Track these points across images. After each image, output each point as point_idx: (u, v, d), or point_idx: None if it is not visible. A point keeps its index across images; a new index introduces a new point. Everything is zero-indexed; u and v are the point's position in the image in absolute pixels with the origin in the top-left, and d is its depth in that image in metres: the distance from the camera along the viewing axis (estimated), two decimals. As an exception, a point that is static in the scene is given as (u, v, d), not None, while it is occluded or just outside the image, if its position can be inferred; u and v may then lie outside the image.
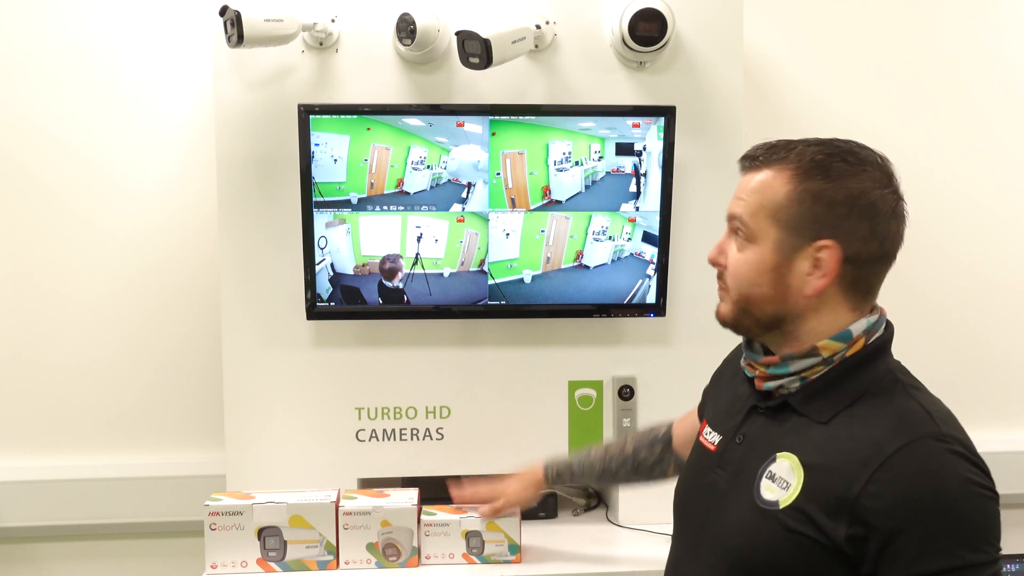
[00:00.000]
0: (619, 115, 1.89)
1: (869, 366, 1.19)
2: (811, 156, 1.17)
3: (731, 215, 1.22)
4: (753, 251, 1.19)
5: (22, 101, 2.19)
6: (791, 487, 1.13)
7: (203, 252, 2.21)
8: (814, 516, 1.09)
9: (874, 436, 1.10)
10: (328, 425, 1.99)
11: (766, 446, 1.19)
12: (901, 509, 1.05)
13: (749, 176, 1.21)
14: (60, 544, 2.28)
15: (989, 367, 2.42)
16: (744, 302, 1.21)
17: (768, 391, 1.22)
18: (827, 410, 1.16)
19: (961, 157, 2.37)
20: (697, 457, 1.34)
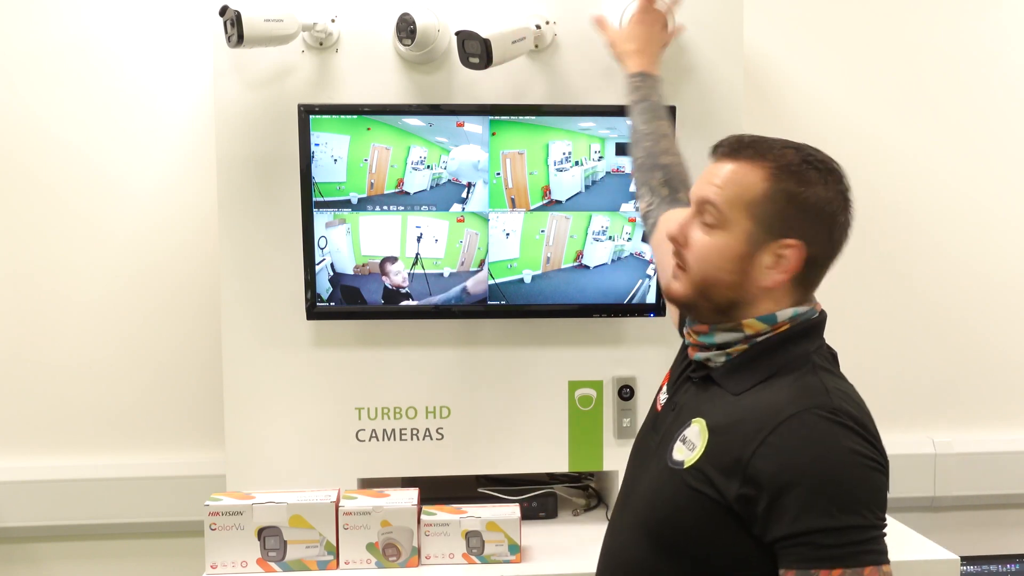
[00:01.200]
0: (619, 115, 1.89)
1: (787, 348, 1.26)
2: (789, 159, 1.23)
3: (703, 199, 1.25)
4: (721, 237, 1.23)
5: (22, 101, 2.19)
6: (696, 448, 1.22)
7: (203, 252, 2.21)
8: (711, 476, 1.18)
9: (772, 405, 1.19)
10: (328, 425, 1.99)
11: (687, 414, 1.28)
12: (786, 471, 1.13)
13: (723, 164, 1.25)
14: (60, 544, 2.28)
15: (989, 367, 2.42)
16: (703, 284, 1.25)
17: (699, 362, 1.30)
18: (742, 383, 1.24)
19: (961, 157, 2.38)
20: (650, 417, 1.42)
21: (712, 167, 1.26)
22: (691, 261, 1.26)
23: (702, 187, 1.26)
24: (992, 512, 2.41)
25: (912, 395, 2.39)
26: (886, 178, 2.36)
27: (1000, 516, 2.42)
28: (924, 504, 2.36)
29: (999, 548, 2.33)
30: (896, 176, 2.36)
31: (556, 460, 2.02)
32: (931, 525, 2.31)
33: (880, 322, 2.37)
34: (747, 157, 1.23)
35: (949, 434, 2.39)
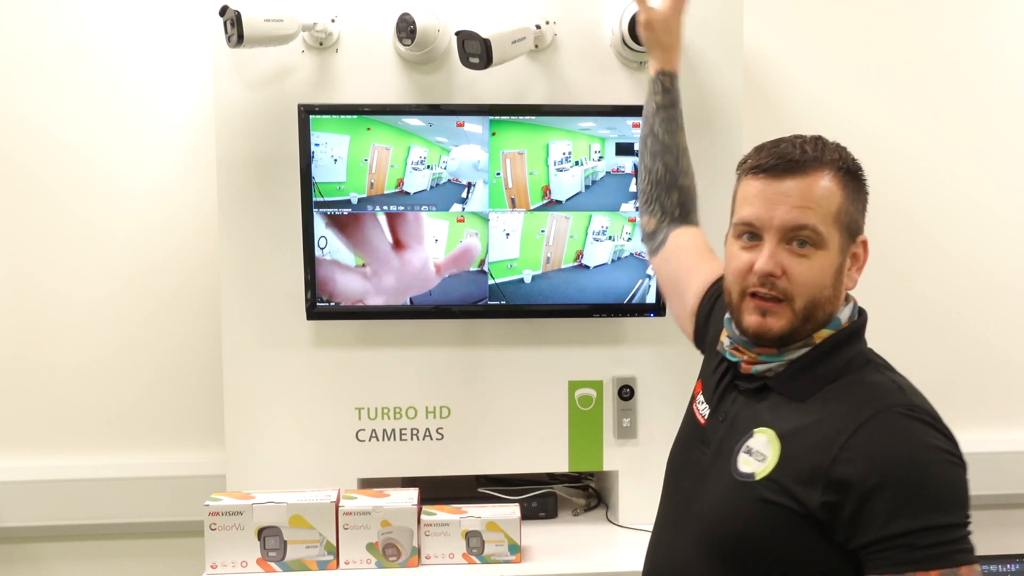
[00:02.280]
0: (619, 115, 1.89)
1: (844, 349, 1.25)
2: (839, 157, 1.22)
3: (798, 224, 1.19)
4: (821, 257, 1.20)
5: (22, 101, 2.19)
6: (767, 459, 1.19)
7: (203, 252, 2.21)
8: (788, 486, 1.15)
9: (847, 408, 1.16)
10: (328, 425, 1.99)
11: (745, 424, 1.25)
12: (872, 475, 1.10)
13: (788, 181, 1.20)
14: (60, 544, 2.28)
15: (989, 367, 2.42)
16: (810, 309, 1.21)
17: (753, 374, 1.27)
18: (805, 390, 1.22)
19: (961, 157, 2.37)
20: (688, 427, 1.38)
21: (775, 186, 1.20)
22: (794, 290, 1.20)
23: (787, 212, 1.19)
24: (992, 512, 2.40)
25: (912, 395, 2.39)
26: (886, 178, 2.35)
27: (1000, 516, 2.42)
28: (924, 504, 2.36)
29: (999, 548, 2.33)
30: (896, 176, 2.36)
31: (556, 460, 2.02)
32: (931, 525, 2.30)
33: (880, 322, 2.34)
34: (812, 169, 1.20)
35: (949, 434, 2.38)
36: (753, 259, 1.22)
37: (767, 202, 1.20)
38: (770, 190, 1.21)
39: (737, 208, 1.27)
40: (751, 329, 1.23)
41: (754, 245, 1.23)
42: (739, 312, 1.25)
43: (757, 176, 1.23)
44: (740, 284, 1.24)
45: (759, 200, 1.21)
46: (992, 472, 2.35)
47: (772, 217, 1.20)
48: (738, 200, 1.27)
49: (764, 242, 1.21)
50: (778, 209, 1.19)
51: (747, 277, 1.23)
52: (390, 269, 1.91)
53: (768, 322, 1.22)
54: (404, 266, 1.91)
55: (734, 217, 1.28)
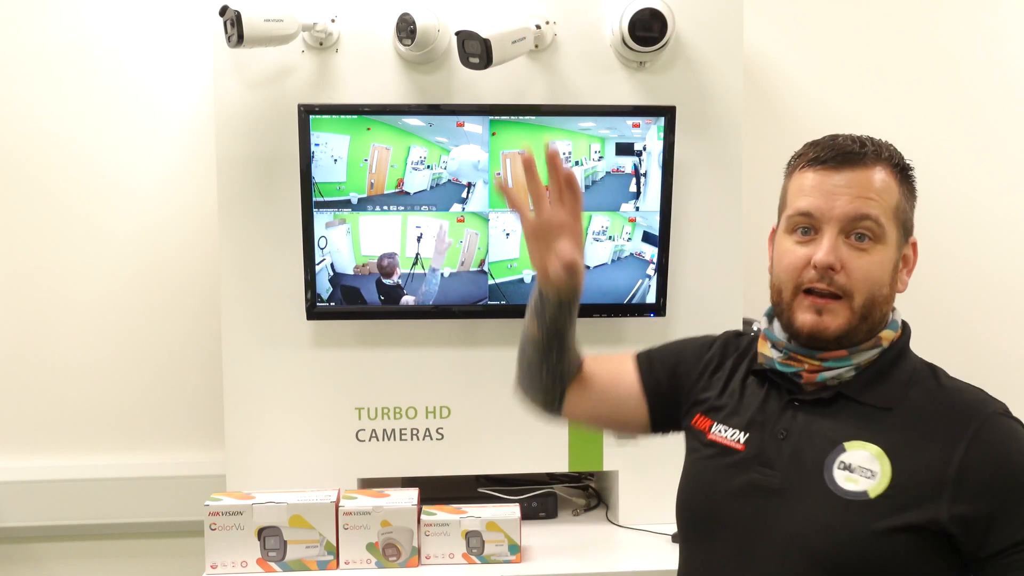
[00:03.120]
0: (619, 115, 1.89)
1: (908, 353, 1.24)
2: (894, 152, 1.20)
3: (862, 215, 1.14)
4: (880, 252, 1.16)
5: (22, 101, 2.19)
6: (878, 475, 1.12)
7: (203, 252, 2.21)
8: (910, 502, 1.09)
9: (951, 416, 1.14)
10: (328, 425, 1.99)
11: (824, 438, 1.17)
12: (1001, 480, 1.09)
13: (857, 172, 1.16)
14: (60, 544, 2.28)
15: (989, 367, 2.41)
16: (867, 307, 1.16)
17: (820, 382, 1.19)
18: (887, 397, 1.17)
19: (961, 157, 2.37)
20: (717, 458, 1.25)
21: (834, 177, 1.16)
22: (853, 286, 1.15)
23: (849, 202, 1.15)
24: None
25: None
26: (886, 178, 2.36)
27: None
28: (924, 504, 2.36)
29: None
30: (896, 176, 2.36)
31: (556, 460, 2.02)
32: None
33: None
34: (871, 162, 1.16)
35: (949, 434, 2.38)
36: (810, 253, 1.16)
37: (826, 192, 1.16)
38: (829, 181, 1.16)
39: (791, 200, 1.21)
40: (806, 328, 1.16)
41: (809, 239, 1.17)
42: (791, 311, 1.18)
43: (814, 168, 1.18)
44: (795, 280, 1.17)
45: (817, 191, 1.16)
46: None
47: (832, 207, 1.15)
48: (791, 193, 1.21)
49: (822, 234, 1.16)
50: (838, 199, 1.15)
51: (803, 272, 1.16)
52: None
53: (824, 320, 1.16)
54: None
55: (788, 210, 1.21)
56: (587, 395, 1.38)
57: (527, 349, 1.35)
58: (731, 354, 1.35)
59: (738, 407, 1.27)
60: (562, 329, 1.30)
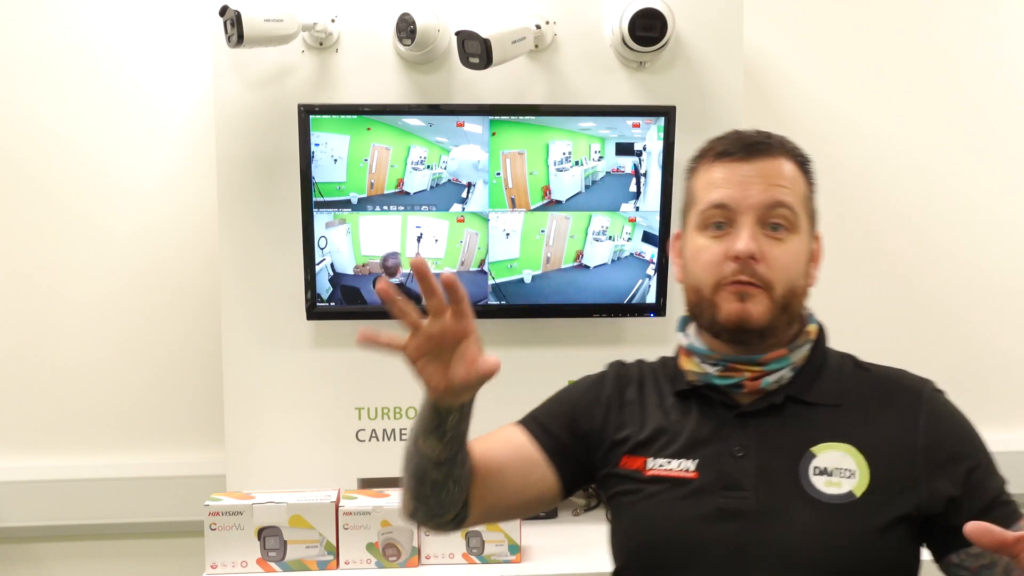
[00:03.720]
0: (619, 115, 1.89)
1: (826, 342, 1.23)
2: (795, 146, 1.19)
3: (777, 202, 1.12)
4: (796, 240, 1.14)
5: (22, 101, 2.19)
6: (857, 473, 1.11)
7: (203, 252, 2.21)
8: (895, 491, 1.10)
9: (897, 399, 1.15)
10: (328, 425, 1.99)
11: (788, 446, 1.13)
12: (960, 446, 1.13)
13: (766, 162, 1.14)
14: (60, 544, 2.28)
15: (989, 367, 2.41)
16: (788, 298, 1.13)
17: (763, 388, 1.15)
18: (831, 393, 1.16)
19: (961, 156, 2.37)
20: (668, 492, 1.15)
21: (744, 168, 1.14)
22: (773, 276, 1.11)
23: (763, 190, 1.12)
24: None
25: (912, 395, 2.39)
26: (886, 177, 2.36)
27: (1000, 516, 2.42)
28: (924, 504, 2.36)
29: (999, 548, 2.33)
30: (896, 175, 2.36)
31: (556, 460, 2.02)
32: (931, 525, 2.30)
33: (880, 321, 2.37)
34: (776, 152, 1.15)
35: (949, 434, 2.38)
36: (726, 247, 1.12)
37: (738, 183, 1.13)
38: (739, 171, 1.13)
39: (700, 196, 1.16)
40: (732, 317, 1.11)
41: (724, 234, 1.13)
42: (714, 307, 1.13)
43: (722, 161, 1.15)
44: (715, 276, 1.13)
45: (729, 182, 1.13)
46: (992, 472, 2.35)
47: (747, 196, 1.12)
48: (700, 189, 1.17)
49: (738, 225, 1.12)
50: (752, 188, 1.12)
51: (722, 265, 1.12)
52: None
53: (748, 308, 1.11)
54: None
55: (698, 205, 1.16)
56: (491, 488, 1.20)
57: (427, 473, 1.14)
58: (631, 383, 1.27)
59: (671, 436, 1.18)
60: (464, 432, 1.15)
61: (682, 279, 1.21)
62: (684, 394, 1.20)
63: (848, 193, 2.35)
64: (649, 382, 1.26)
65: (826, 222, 2.37)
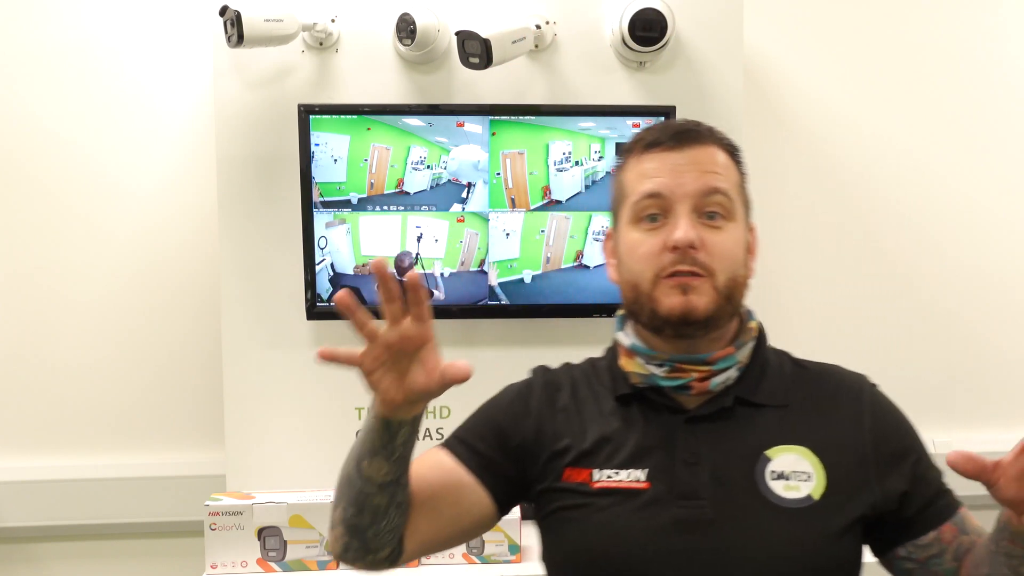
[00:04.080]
0: (619, 115, 1.89)
1: (767, 342, 1.20)
2: (724, 135, 1.17)
3: (713, 188, 1.09)
4: (734, 229, 1.11)
5: (22, 101, 2.19)
6: (813, 475, 1.08)
7: (203, 252, 2.20)
8: (851, 491, 1.08)
9: (840, 397, 1.14)
10: (328, 425, 1.98)
11: (741, 451, 1.09)
12: (904, 442, 1.13)
13: (698, 150, 1.11)
14: (60, 544, 2.28)
15: (989, 367, 2.41)
16: (730, 287, 1.09)
17: (710, 391, 1.11)
18: (777, 393, 1.13)
19: (961, 156, 2.37)
20: (619, 505, 1.09)
21: (676, 156, 1.10)
22: (714, 264, 1.07)
23: (698, 177, 1.09)
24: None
25: (912, 395, 2.36)
26: (886, 177, 2.36)
27: (1000, 516, 2.42)
28: (924, 504, 2.36)
29: (999, 548, 2.33)
30: (896, 175, 2.36)
31: (556, 460, 2.02)
32: (931, 525, 2.30)
33: (880, 321, 2.37)
34: (707, 140, 1.13)
35: (949, 434, 2.38)
36: (664, 238, 1.07)
37: (672, 171, 1.09)
38: (672, 160, 1.09)
39: (633, 188, 1.12)
40: (676, 311, 1.06)
41: (659, 225, 1.09)
42: (654, 301, 1.07)
43: (653, 151, 1.11)
44: (654, 268, 1.08)
45: (662, 171, 1.09)
46: (992, 472, 2.35)
47: (682, 184, 1.08)
48: (631, 181, 1.13)
49: (675, 215, 1.08)
50: (686, 176, 1.08)
51: (660, 257, 1.07)
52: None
53: (692, 300, 1.06)
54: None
55: (632, 197, 1.11)
56: (426, 517, 1.13)
57: (369, 499, 1.07)
58: (561, 389, 1.21)
59: (616, 444, 1.12)
60: (412, 450, 1.09)
61: (617, 278, 1.17)
62: (625, 398, 1.14)
63: (848, 193, 2.35)
64: (582, 386, 1.20)
65: (826, 222, 2.40)
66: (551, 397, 1.20)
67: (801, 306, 2.35)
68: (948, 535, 1.12)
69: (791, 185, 2.34)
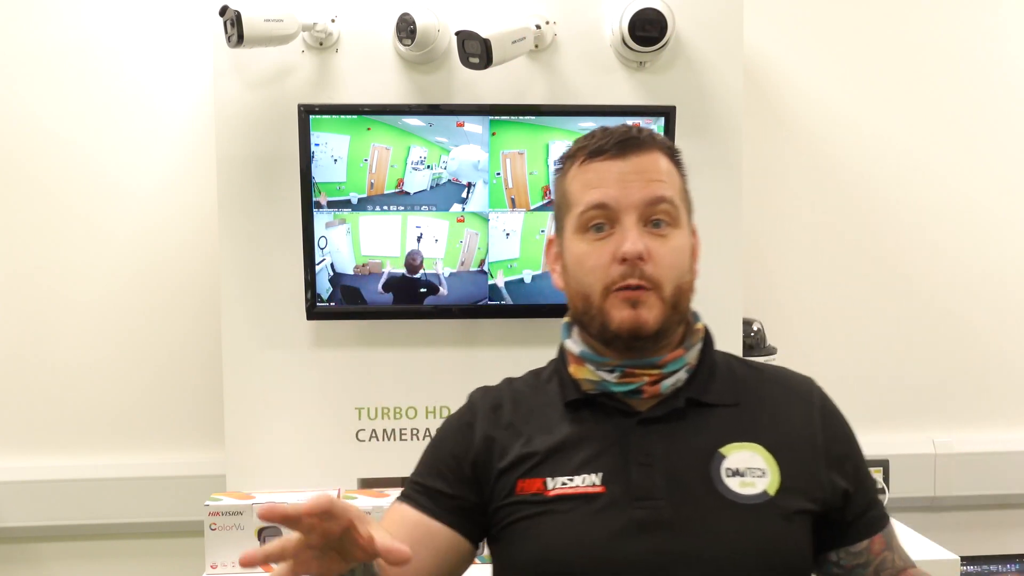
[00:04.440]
0: (619, 115, 1.89)
1: (713, 343, 1.21)
2: (664, 139, 1.17)
3: (658, 197, 1.09)
4: (680, 236, 1.11)
5: (22, 101, 2.19)
6: (768, 472, 1.09)
7: (203, 252, 2.21)
8: (804, 487, 1.10)
9: (790, 397, 1.16)
10: (328, 425, 1.99)
11: (695, 451, 1.10)
12: (850, 448, 1.16)
13: (642, 157, 1.10)
14: (60, 544, 2.28)
15: (989, 367, 2.42)
16: (677, 296, 1.09)
17: (661, 393, 1.11)
18: (728, 392, 1.14)
19: (961, 156, 2.38)
20: (577, 510, 1.09)
21: (621, 165, 1.09)
22: (661, 275, 1.08)
23: (643, 187, 1.08)
24: (992, 512, 2.41)
25: (912, 395, 2.39)
26: (886, 177, 2.36)
27: (1000, 516, 2.42)
28: (924, 504, 2.36)
29: (999, 548, 2.33)
30: (896, 176, 2.36)
31: (556, 460, 2.02)
32: (931, 525, 2.30)
33: (880, 322, 2.37)
34: (649, 147, 1.11)
35: (949, 434, 2.39)
36: (612, 248, 1.07)
37: (617, 181, 1.08)
38: (616, 169, 1.09)
39: (577, 198, 1.11)
40: (626, 326, 1.07)
41: (606, 235, 1.09)
42: (604, 314, 1.08)
43: (596, 159, 1.10)
44: (604, 280, 1.08)
45: (607, 181, 1.09)
46: (992, 472, 2.36)
47: (628, 194, 1.08)
48: (575, 191, 1.12)
49: (621, 225, 1.08)
50: (631, 185, 1.08)
51: (610, 269, 1.07)
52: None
53: (642, 314, 1.07)
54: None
55: (577, 208, 1.11)
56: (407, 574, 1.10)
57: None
58: (502, 405, 1.20)
59: (567, 451, 1.12)
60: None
61: (563, 287, 1.17)
62: (575, 404, 1.15)
63: (848, 193, 2.36)
64: (526, 399, 1.20)
65: (826, 222, 2.40)
66: (494, 416, 1.19)
67: (801, 306, 2.35)
68: (877, 547, 1.15)
69: (791, 185, 2.34)
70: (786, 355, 2.19)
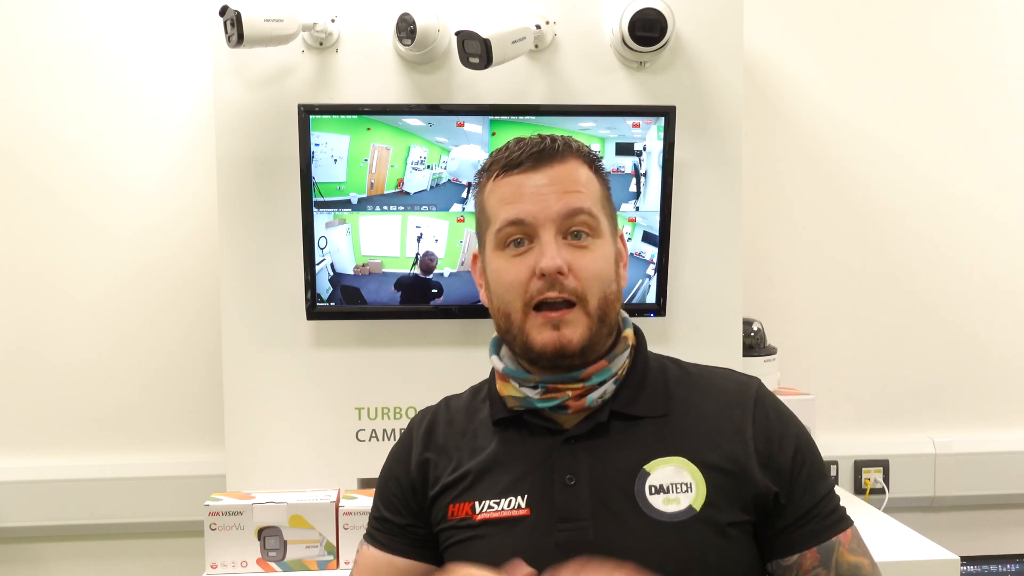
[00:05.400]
0: (619, 115, 1.89)
1: (646, 347, 1.17)
2: (582, 146, 1.13)
3: (576, 209, 1.06)
4: (602, 246, 1.09)
5: (22, 101, 2.19)
6: (694, 486, 1.05)
7: (203, 252, 2.21)
8: (733, 499, 1.06)
9: (724, 403, 1.10)
10: (328, 425, 1.99)
11: (619, 468, 1.07)
12: (788, 452, 1.08)
13: (557, 168, 1.08)
14: (60, 544, 2.28)
15: (989, 367, 2.42)
16: (603, 308, 1.07)
17: (589, 405, 1.09)
18: (657, 403, 1.11)
19: (961, 158, 2.38)
20: (503, 535, 1.08)
21: (536, 178, 1.07)
22: (584, 288, 1.06)
23: (559, 199, 1.06)
24: (992, 512, 2.41)
25: (912, 395, 2.39)
26: (886, 178, 2.36)
27: (1000, 516, 2.42)
28: (924, 504, 2.36)
29: (999, 548, 2.33)
30: (896, 176, 2.36)
31: (556, 460, 2.02)
32: (931, 525, 2.31)
33: (880, 322, 2.37)
34: (566, 156, 1.09)
35: (949, 434, 2.39)
36: (530, 263, 1.06)
37: (532, 195, 1.06)
38: (531, 182, 1.07)
39: (494, 214, 1.10)
40: (549, 348, 1.05)
41: (525, 250, 1.08)
42: (526, 335, 1.07)
43: (510, 173, 1.08)
44: (523, 297, 1.07)
45: (523, 196, 1.07)
46: (992, 472, 2.36)
47: (544, 208, 1.06)
48: (492, 206, 1.11)
49: (539, 240, 1.06)
50: (547, 199, 1.06)
51: (529, 284, 1.06)
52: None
53: (565, 334, 1.05)
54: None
55: (494, 225, 1.09)
56: None
57: None
58: (436, 427, 1.20)
59: (495, 473, 1.11)
60: None
61: (488, 303, 1.16)
62: (503, 422, 1.13)
63: (848, 193, 2.36)
64: (460, 418, 1.19)
65: (826, 223, 2.40)
66: (428, 439, 1.19)
67: (801, 306, 2.35)
68: (808, 563, 1.08)
69: (791, 185, 2.34)
70: (786, 355, 2.19)
